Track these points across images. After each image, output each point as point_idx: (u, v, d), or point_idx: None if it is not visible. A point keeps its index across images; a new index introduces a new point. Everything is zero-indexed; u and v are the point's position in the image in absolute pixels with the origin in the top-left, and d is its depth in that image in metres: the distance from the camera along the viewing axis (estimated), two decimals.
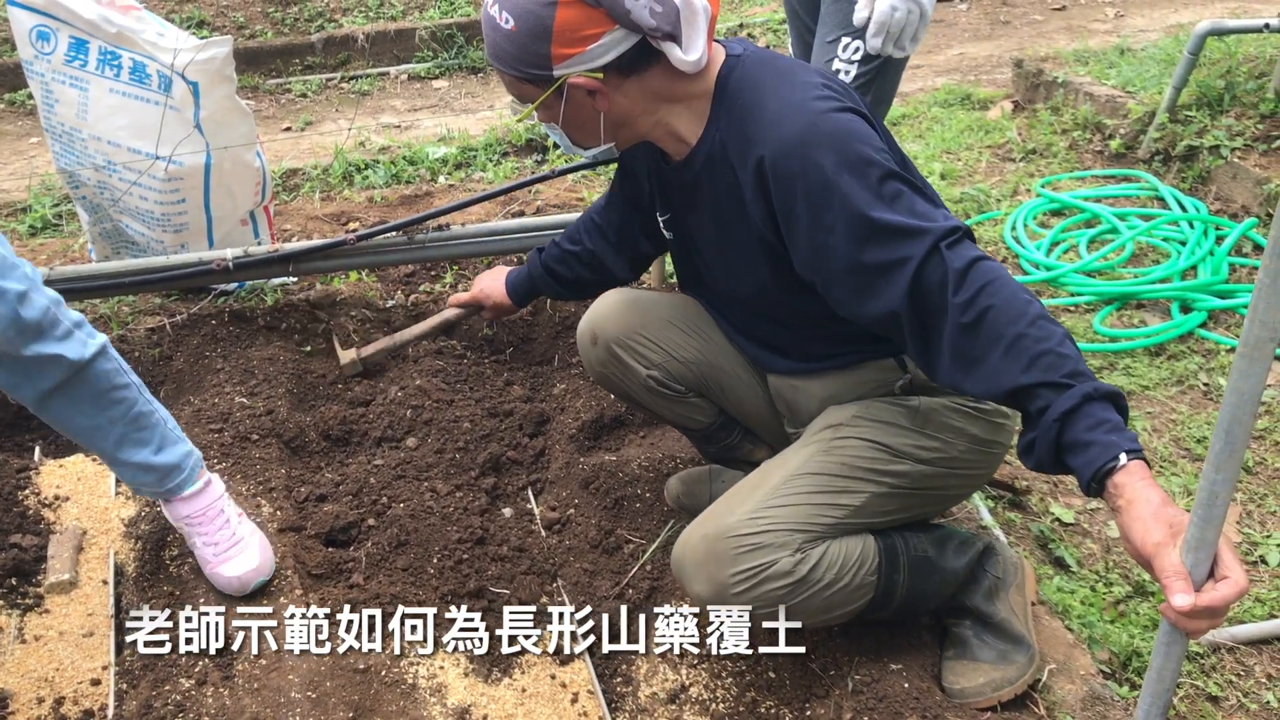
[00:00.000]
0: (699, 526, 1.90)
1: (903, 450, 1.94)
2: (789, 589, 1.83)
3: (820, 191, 1.69)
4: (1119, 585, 2.51)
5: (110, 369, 2.07)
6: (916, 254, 1.63)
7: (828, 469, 1.92)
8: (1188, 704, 2.20)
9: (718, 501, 1.96)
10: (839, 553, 1.88)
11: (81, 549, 2.43)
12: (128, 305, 3.29)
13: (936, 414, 1.97)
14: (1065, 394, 1.51)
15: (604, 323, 2.31)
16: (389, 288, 3.42)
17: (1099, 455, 1.47)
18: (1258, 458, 3.02)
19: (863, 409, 2.00)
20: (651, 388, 2.29)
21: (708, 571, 1.84)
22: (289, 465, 2.65)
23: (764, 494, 1.89)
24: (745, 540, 1.82)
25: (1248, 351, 1.24)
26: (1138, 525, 1.43)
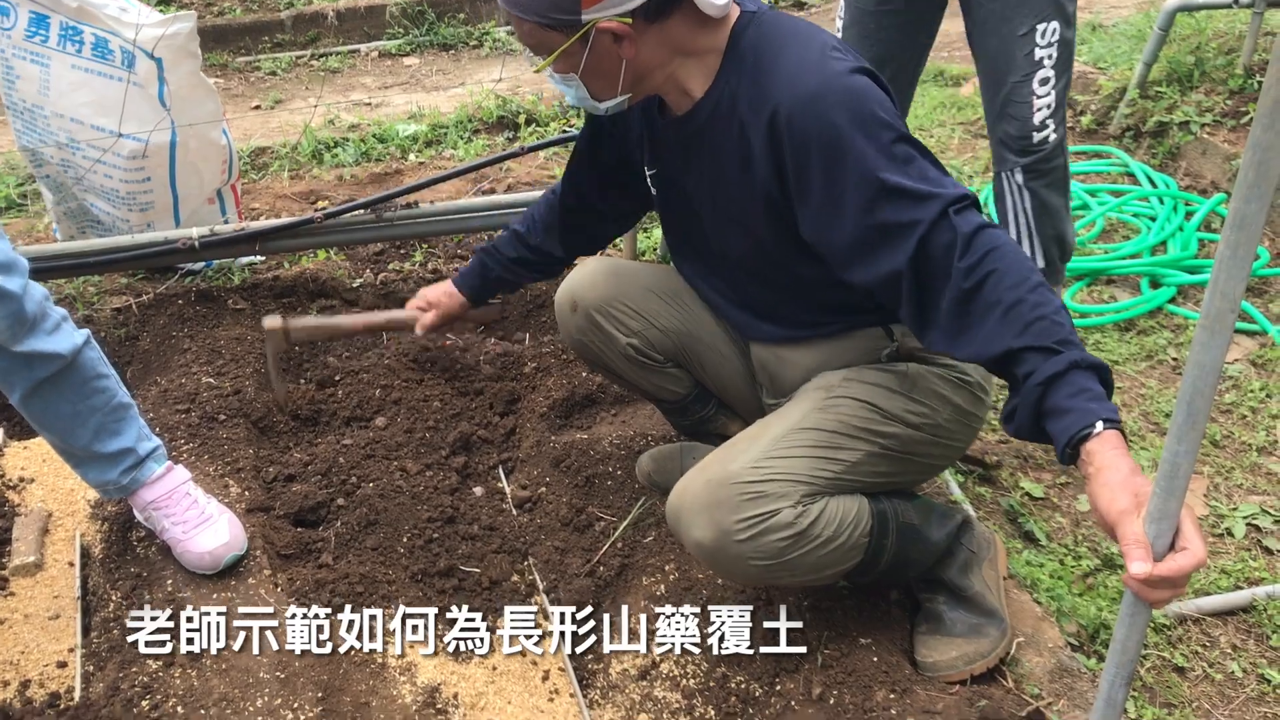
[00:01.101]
0: (700, 473, 1.89)
1: (892, 412, 1.95)
2: (789, 541, 1.82)
3: (834, 149, 1.70)
4: (1088, 559, 2.52)
5: (95, 357, 2.11)
6: (925, 218, 1.64)
7: (825, 425, 1.92)
8: (1154, 674, 2.22)
9: (716, 451, 1.95)
10: (836, 510, 1.88)
11: (47, 531, 2.41)
12: (93, 285, 3.26)
13: (924, 380, 1.97)
14: (1052, 360, 1.52)
15: (585, 290, 2.28)
16: (358, 266, 3.39)
17: (1075, 422, 1.48)
18: (1225, 431, 3.04)
19: (853, 373, 2.00)
20: (630, 356, 2.28)
21: (711, 517, 1.82)
22: (257, 445, 2.63)
23: (765, 444, 1.89)
24: (749, 487, 1.81)
25: (1208, 324, 1.24)
26: (1104, 492, 1.44)
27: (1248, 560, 2.56)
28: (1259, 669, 2.26)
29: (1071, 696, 2.04)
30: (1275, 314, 3.54)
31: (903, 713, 1.92)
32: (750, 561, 1.83)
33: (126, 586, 2.21)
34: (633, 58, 1.81)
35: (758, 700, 2.01)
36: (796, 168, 1.77)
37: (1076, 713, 1.99)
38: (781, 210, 1.86)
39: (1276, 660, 2.29)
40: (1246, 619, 2.40)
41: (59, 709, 2.01)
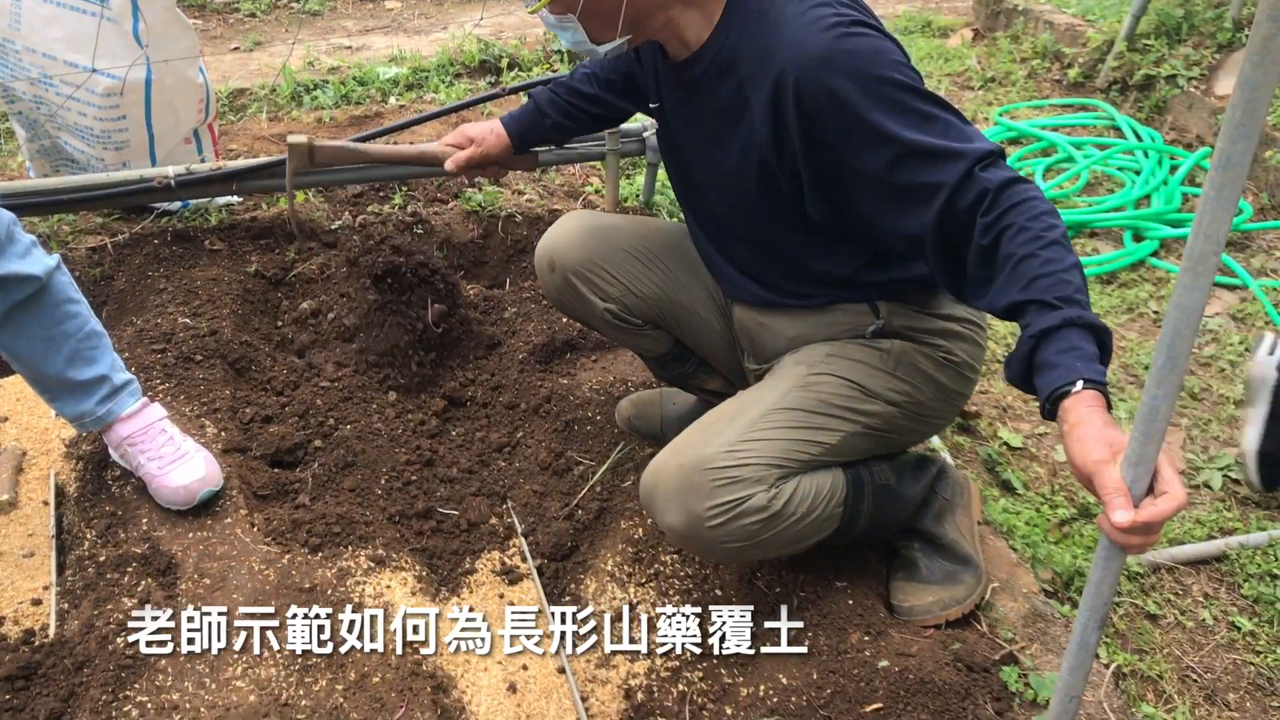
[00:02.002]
0: (673, 455, 1.86)
1: (875, 390, 1.93)
2: (762, 524, 1.81)
3: (847, 116, 1.64)
4: (1064, 508, 2.54)
5: (66, 282, 2.11)
6: (950, 179, 1.59)
7: (805, 405, 1.89)
8: (1126, 621, 2.24)
9: (690, 430, 1.92)
10: (810, 487, 1.87)
11: (21, 470, 2.39)
12: (68, 224, 3.21)
13: (908, 357, 1.95)
14: (1049, 314, 1.49)
15: (563, 251, 2.23)
16: (336, 209, 3.35)
17: (1058, 378, 1.46)
18: (1203, 384, 3.05)
19: (836, 348, 1.97)
20: (608, 320, 2.25)
21: (683, 502, 1.80)
22: (234, 386, 2.61)
23: (741, 426, 1.86)
24: (722, 473, 1.80)
25: (1191, 265, 1.24)
26: (1078, 446, 1.43)
27: (1222, 511, 2.58)
28: (1230, 617, 2.29)
29: (1045, 641, 2.05)
30: (1256, 268, 3.55)
31: (877, 655, 1.94)
32: (724, 545, 1.83)
33: (101, 525, 2.20)
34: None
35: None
36: (805, 137, 1.70)
37: (1049, 657, 2.01)
38: (775, 177, 1.81)
39: (1247, 608, 2.31)
40: (1219, 568, 2.42)
41: (34, 645, 2.00)
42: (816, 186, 1.77)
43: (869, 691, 1.89)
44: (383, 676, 1.91)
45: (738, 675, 1.97)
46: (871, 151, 1.64)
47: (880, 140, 1.63)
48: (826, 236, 1.89)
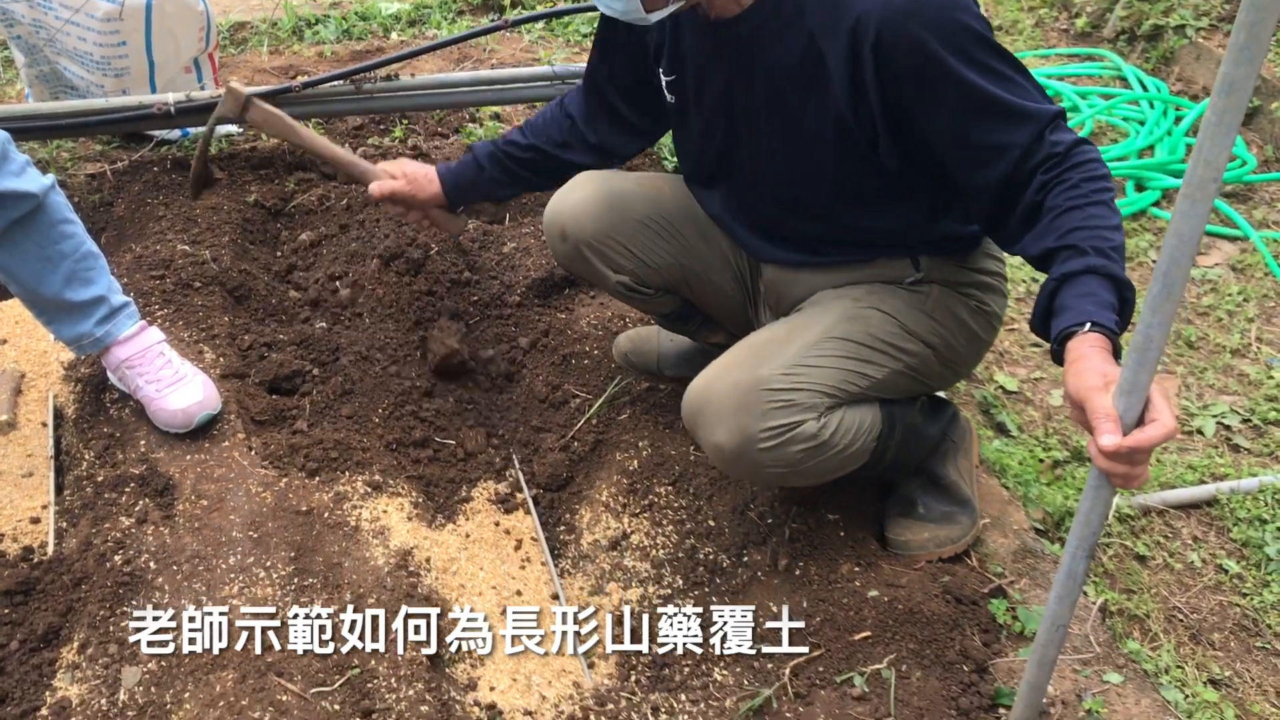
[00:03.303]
0: (725, 372, 1.84)
1: (915, 330, 1.92)
2: (808, 452, 1.81)
3: (930, 70, 1.62)
4: (1057, 450, 2.55)
5: (62, 202, 2.10)
6: (1021, 141, 1.62)
7: (855, 336, 1.88)
8: (1116, 562, 2.26)
9: (740, 349, 1.91)
10: (853, 420, 1.87)
11: (20, 391, 2.40)
12: (67, 151, 3.20)
13: (945, 301, 1.94)
14: (1076, 260, 1.52)
15: (576, 224, 2.16)
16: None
17: (1068, 319, 1.48)
18: (1200, 333, 3.06)
19: (878, 287, 1.96)
20: (620, 290, 2.23)
21: (737, 422, 1.78)
22: (232, 313, 2.61)
23: (796, 350, 1.84)
24: (779, 396, 1.78)
25: (1190, 192, 1.23)
26: (1075, 378, 1.44)
27: (1214, 457, 2.60)
28: (1218, 559, 2.31)
29: (1034, 576, 2.08)
30: (1258, 220, 3.54)
31: (867, 585, 1.96)
32: (768, 469, 1.82)
33: (99, 446, 2.21)
34: None
35: (725, 570, 2.04)
36: (885, 90, 1.68)
37: (1038, 591, 2.03)
38: (852, 134, 1.76)
39: (1235, 552, 2.33)
40: (1209, 512, 2.44)
41: (32, 562, 2.02)
42: (895, 140, 1.74)
43: (858, 620, 1.92)
44: (378, 598, 1.93)
45: (729, 603, 1.99)
46: (953, 106, 1.64)
47: (963, 95, 1.62)
48: (890, 194, 1.86)
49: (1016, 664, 1.88)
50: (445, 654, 1.92)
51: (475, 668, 1.94)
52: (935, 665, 1.86)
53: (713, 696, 1.88)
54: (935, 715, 1.80)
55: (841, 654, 1.89)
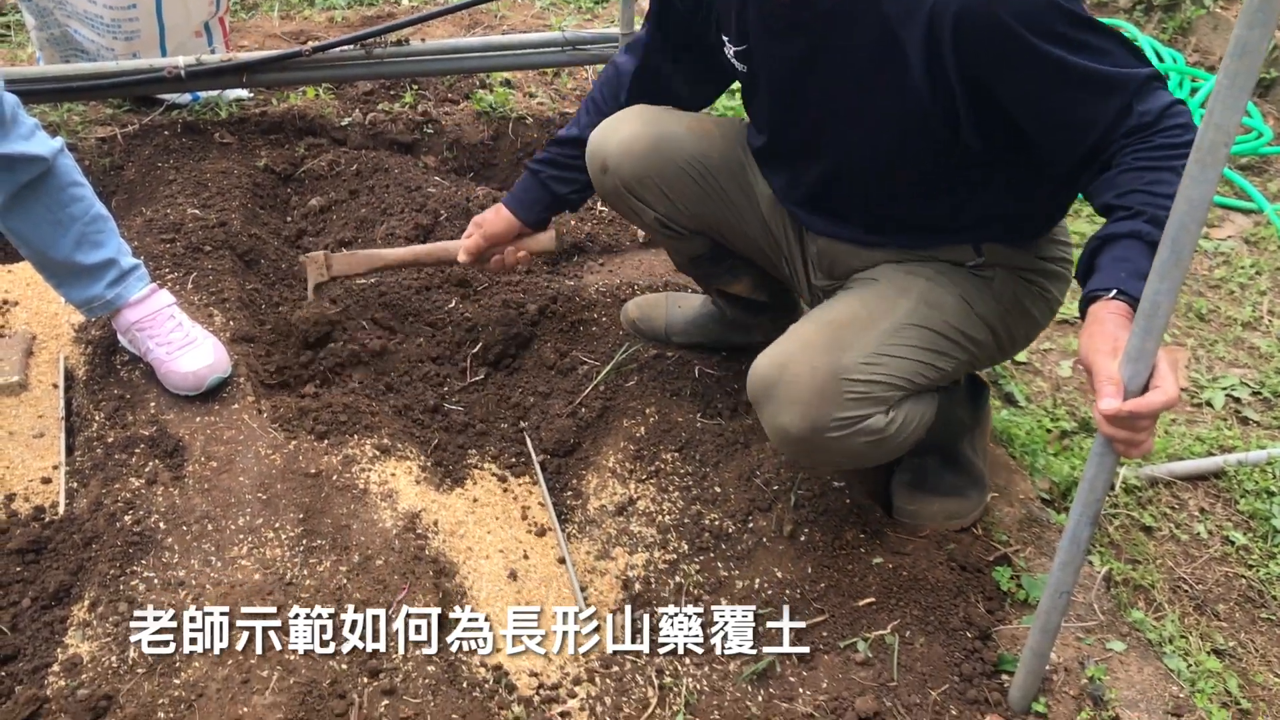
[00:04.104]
0: (806, 352, 1.77)
1: (984, 315, 1.87)
2: (871, 444, 1.79)
3: (1017, 45, 1.55)
4: (1065, 420, 2.55)
5: (71, 165, 2.11)
6: (1109, 112, 1.56)
7: (933, 324, 1.83)
8: (1122, 533, 2.26)
9: (819, 327, 1.83)
10: (916, 412, 1.84)
11: (31, 353, 2.42)
12: (78, 115, 3.20)
13: (1009, 286, 1.89)
14: (1123, 223, 1.50)
15: (617, 159, 2.11)
16: (346, 106, 3.33)
17: (1098, 282, 1.48)
18: (1211, 305, 3.05)
19: (943, 267, 1.90)
20: (654, 227, 2.19)
21: (811, 409, 1.73)
22: (243, 277, 2.61)
23: (877, 336, 1.79)
24: (858, 386, 1.74)
25: (1200, 157, 1.23)
26: (1087, 340, 1.45)
27: (1223, 429, 2.59)
28: (1224, 531, 2.31)
29: (1039, 545, 2.08)
30: (1273, 192, 3.52)
31: (872, 552, 1.97)
32: (829, 454, 1.80)
33: (110, 407, 2.23)
34: None
35: (730, 536, 2.04)
36: (964, 71, 1.61)
37: (1043, 560, 2.04)
38: (928, 117, 1.69)
39: (1242, 524, 2.33)
40: (1217, 484, 2.43)
41: (44, 522, 2.03)
42: (978, 121, 1.68)
43: (862, 586, 1.93)
44: (385, 560, 1.94)
45: (734, 568, 2.00)
46: (1037, 83, 1.58)
47: (1046, 72, 1.56)
48: (962, 179, 1.81)
49: (1020, 631, 1.89)
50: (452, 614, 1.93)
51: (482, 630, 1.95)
52: (939, 631, 1.87)
53: (717, 660, 1.89)
54: (938, 681, 1.81)
55: (845, 619, 1.90)
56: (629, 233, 2.96)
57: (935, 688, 1.80)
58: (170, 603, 1.82)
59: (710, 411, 2.31)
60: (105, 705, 1.69)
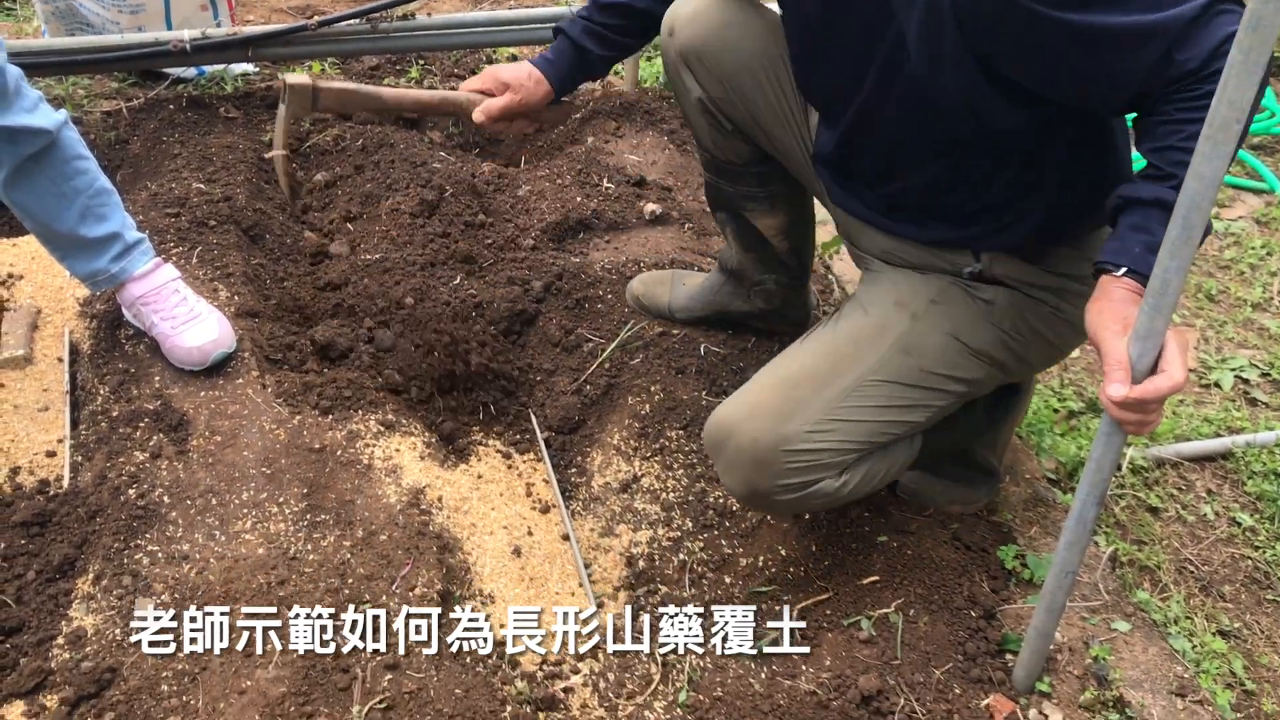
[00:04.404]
0: (748, 420, 1.73)
1: (979, 348, 1.78)
2: (826, 500, 1.76)
3: (1016, 15, 1.42)
4: (1072, 400, 2.53)
5: (75, 138, 2.09)
6: (1143, 63, 1.40)
7: (904, 377, 1.76)
8: (1128, 514, 2.25)
9: (772, 385, 1.78)
10: (881, 466, 1.80)
11: (36, 327, 2.41)
12: (82, 88, 3.19)
13: (1013, 308, 1.78)
14: (1151, 186, 1.42)
15: (684, 29, 2.00)
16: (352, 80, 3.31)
17: (1112, 252, 1.44)
18: (1221, 286, 3.03)
19: (940, 294, 1.80)
20: (696, 108, 2.09)
21: (752, 475, 1.72)
22: (248, 252, 2.61)
23: (830, 398, 1.73)
24: (798, 457, 1.70)
25: (1212, 133, 1.21)
26: (1095, 316, 1.43)
27: (1231, 410, 2.58)
28: (1231, 513, 2.30)
29: (1044, 525, 2.07)
30: None
31: (876, 530, 1.96)
32: (783, 510, 1.81)
33: (114, 382, 2.22)
34: None
35: (734, 514, 2.04)
36: (973, 50, 1.49)
37: (1048, 540, 2.03)
38: (933, 102, 1.58)
39: (1249, 505, 2.32)
40: (1224, 465, 2.43)
41: (48, 495, 2.04)
42: (995, 100, 1.55)
43: (866, 564, 1.92)
44: (389, 535, 1.94)
45: (738, 546, 2.00)
46: (1057, 50, 1.44)
47: (1061, 40, 1.42)
48: (974, 169, 1.70)
49: (1024, 610, 1.88)
50: (455, 592, 1.94)
51: (485, 605, 1.96)
52: (943, 610, 1.87)
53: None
54: (942, 660, 1.80)
55: (849, 597, 1.90)
56: (635, 210, 2.95)
57: (939, 666, 1.80)
58: (174, 577, 1.82)
59: (715, 389, 2.30)
60: (109, 678, 1.70)
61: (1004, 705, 1.75)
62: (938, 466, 2.09)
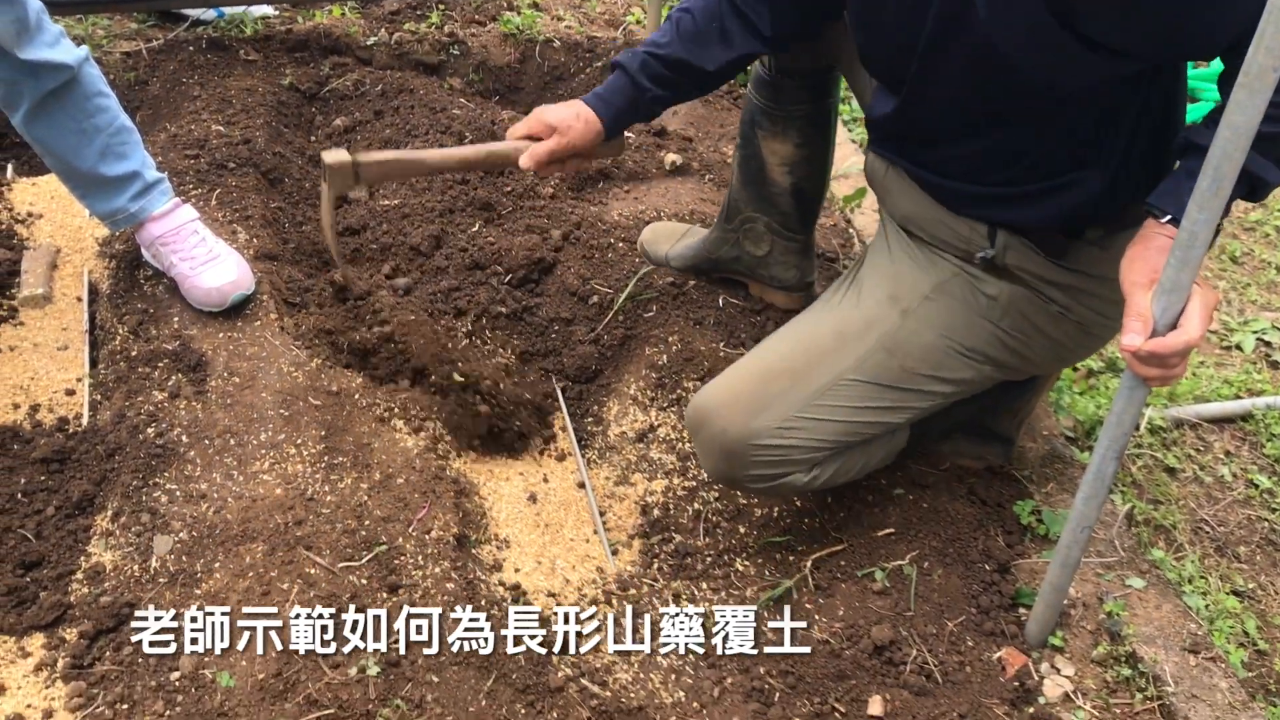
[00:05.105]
0: (726, 410, 1.73)
1: (973, 346, 1.76)
2: (799, 491, 1.82)
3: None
4: (1092, 360, 2.52)
5: (96, 75, 2.09)
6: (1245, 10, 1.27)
7: (883, 377, 1.74)
8: (1145, 473, 2.25)
9: (750, 374, 1.78)
10: (858, 460, 1.82)
11: (55, 266, 2.42)
12: (102, 29, 3.18)
13: (1017, 306, 1.74)
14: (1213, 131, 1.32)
15: None
16: (372, 25, 3.29)
17: (1162, 197, 1.42)
18: (1245, 249, 3.00)
19: (938, 287, 1.77)
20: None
21: (723, 464, 1.77)
22: (267, 195, 2.60)
23: (804, 396, 1.72)
24: (769, 453, 1.72)
25: (1248, 81, 1.19)
26: (1127, 264, 1.42)
27: (1252, 372, 2.56)
28: (1249, 474, 2.29)
29: (1061, 482, 2.07)
30: None
31: (892, 483, 1.96)
32: (757, 495, 1.83)
33: (133, 321, 2.23)
34: None
35: None
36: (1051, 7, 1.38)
37: (1064, 496, 2.02)
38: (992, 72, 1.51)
39: (1268, 467, 2.31)
40: (1244, 427, 2.41)
41: (67, 433, 2.05)
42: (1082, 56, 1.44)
43: (882, 517, 1.92)
44: (406, 478, 1.94)
45: (752, 497, 2.00)
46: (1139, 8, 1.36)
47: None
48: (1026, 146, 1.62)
49: (1039, 565, 1.88)
50: (471, 536, 1.94)
51: (501, 550, 1.97)
52: (957, 564, 1.87)
53: (734, 585, 1.89)
54: (955, 612, 1.81)
55: (864, 549, 1.90)
56: (655, 160, 2.93)
57: (952, 619, 1.81)
58: (192, 515, 1.83)
59: (734, 341, 2.29)
60: (127, 612, 1.71)
61: (1016, 658, 1.76)
62: (952, 422, 2.07)
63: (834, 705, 1.71)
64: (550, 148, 1.90)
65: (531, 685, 1.67)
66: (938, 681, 1.73)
